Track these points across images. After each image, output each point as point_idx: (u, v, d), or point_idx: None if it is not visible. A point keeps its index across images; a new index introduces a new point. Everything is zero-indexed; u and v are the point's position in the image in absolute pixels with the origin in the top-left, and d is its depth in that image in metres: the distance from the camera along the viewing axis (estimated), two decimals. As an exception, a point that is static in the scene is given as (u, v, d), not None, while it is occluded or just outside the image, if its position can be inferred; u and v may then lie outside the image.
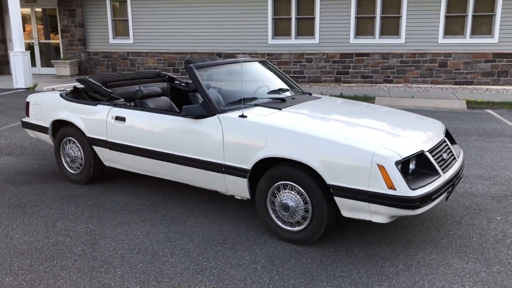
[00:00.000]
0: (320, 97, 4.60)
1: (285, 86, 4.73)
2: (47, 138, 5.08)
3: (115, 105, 4.44)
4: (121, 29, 14.27)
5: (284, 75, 4.98)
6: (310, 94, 4.78)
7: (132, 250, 3.49)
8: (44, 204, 4.39)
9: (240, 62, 4.55)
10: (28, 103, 5.17)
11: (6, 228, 3.88)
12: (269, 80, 4.71)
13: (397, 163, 3.11)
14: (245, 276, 3.13)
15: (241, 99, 3.96)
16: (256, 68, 4.76)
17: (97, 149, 4.59)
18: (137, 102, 4.49)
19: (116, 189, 4.77)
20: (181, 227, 3.89)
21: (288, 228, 3.56)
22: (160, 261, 3.33)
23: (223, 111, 3.81)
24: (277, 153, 3.41)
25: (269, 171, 3.54)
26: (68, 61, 14.02)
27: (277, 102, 4.16)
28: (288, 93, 4.58)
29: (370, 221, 3.94)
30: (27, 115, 5.21)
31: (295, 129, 3.45)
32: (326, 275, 3.14)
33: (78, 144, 4.73)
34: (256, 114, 3.76)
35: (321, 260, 3.34)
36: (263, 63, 4.92)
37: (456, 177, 3.58)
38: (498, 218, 4.06)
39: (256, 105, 4.01)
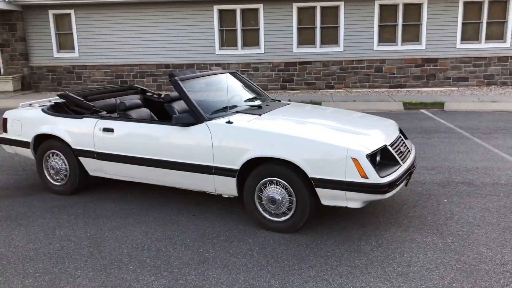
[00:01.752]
0: (289, 104, 5.15)
1: (256, 95, 5.23)
2: (28, 152, 5.23)
3: (101, 118, 4.72)
4: (65, 43, 14.15)
5: (253, 84, 5.49)
6: (279, 101, 5.31)
7: (136, 249, 3.82)
8: (35, 215, 4.58)
9: (216, 74, 4.99)
10: (5, 119, 5.29)
11: (7, 238, 4.06)
12: (241, 89, 5.19)
13: (367, 156, 3.70)
14: (245, 262, 3.57)
15: (225, 107, 4.41)
16: (229, 79, 5.22)
17: (83, 160, 4.84)
18: (121, 113, 4.79)
19: (102, 197, 5.03)
20: (176, 226, 4.26)
21: (275, 219, 4.05)
22: (166, 256, 3.70)
23: (210, 119, 4.24)
24: (265, 153, 3.90)
25: (256, 170, 4.02)
26: (10, 76, 13.69)
27: (254, 109, 4.66)
28: (260, 101, 5.08)
29: (342, 209, 4.53)
30: (5, 131, 5.33)
31: (279, 131, 3.96)
32: (314, 255, 3.66)
33: (63, 156, 4.95)
34: (240, 120, 4.23)
35: (307, 244, 3.85)
36: (233, 74, 5.39)
37: (412, 166, 4.25)
38: (445, 200, 4.78)
39: (237, 112, 4.48)
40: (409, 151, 4.43)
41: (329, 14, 13.30)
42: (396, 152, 4.10)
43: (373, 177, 3.65)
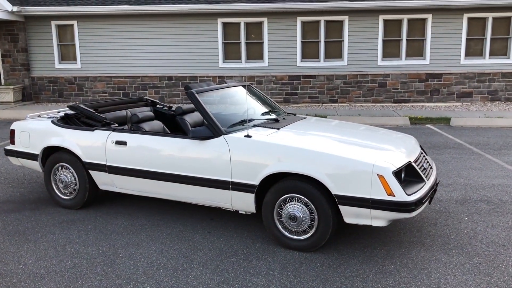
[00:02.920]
0: (305, 117, 5.03)
1: (271, 108, 5.12)
2: (35, 165, 5.08)
3: (114, 130, 4.59)
4: (67, 54, 14.06)
5: (267, 98, 5.38)
6: (295, 114, 5.20)
7: (152, 267, 3.66)
8: (44, 230, 4.41)
9: (231, 87, 4.88)
10: (13, 131, 5.15)
11: (15, 255, 3.89)
12: (256, 103, 5.07)
13: (393, 172, 3.57)
14: (267, 283, 3.42)
15: (243, 120, 4.29)
16: (242, 92, 5.11)
17: (93, 173, 4.69)
18: (133, 126, 4.66)
19: (112, 212, 4.87)
20: (190, 243, 4.10)
21: (295, 237, 3.91)
22: (183, 275, 3.54)
23: (228, 132, 4.11)
24: (286, 168, 3.77)
25: (276, 185, 3.88)
26: (11, 87, 13.54)
27: (272, 122, 4.54)
28: (275, 114, 4.96)
29: (361, 226, 4.39)
30: (12, 143, 5.18)
31: (300, 146, 3.84)
32: (338, 276, 3.51)
33: (72, 170, 4.80)
34: (258, 134, 4.10)
35: (330, 264, 3.71)
36: (247, 87, 5.29)
37: (435, 183, 4.13)
38: (466, 218, 4.65)
39: (255, 125, 4.36)
40: (431, 167, 4.32)
41: (333, 28, 13.29)
42: (420, 168, 3.98)
43: (400, 195, 3.52)
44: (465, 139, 8.74)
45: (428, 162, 4.34)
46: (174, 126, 5.71)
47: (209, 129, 4.11)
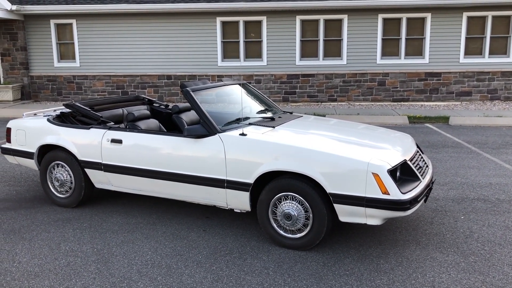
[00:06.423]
0: (302, 116, 5.02)
1: (267, 107, 5.10)
2: (31, 163, 5.07)
3: (110, 128, 4.58)
4: (66, 52, 14.05)
5: (264, 96, 5.36)
6: (291, 113, 5.19)
7: (146, 265, 3.66)
8: (39, 228, 4.41)
9: (227, 85, 4.87)
10: (9, 129, 5.14)
11: (10, 253, 3.89)
12: (252, 101, 5.06)
13: (388, 171, 3.56)
14: (261, 281, 3.41)
15: (239, 118, 4.28)
16: (239, 90, 5.10)
17: (89, 171, 4.68)
18: (129, 124, 4.65)
19: (107, 211, 4.86)
20: (186, 242, 4.09)
21: (290, 235, 3.90)
22: (177, 273, 3.53)
23: (223, 131, 4.10)
24: (281, 167, 3.76)
25: (271, 184, 3.87)
26: (10, 85, 13.54)
27: (267, 121, 4.53)
28: (272, 113, 4.95)
29: (356, 225, 4.38)
30: (8, 141, 5.17)
31: (295, 144, 3.82)
32: (332, 275, 3.50)
33: (68, 168, 4.79)
34: (253, 132, 4.09)
35: (324, 262, 3.70)
36: (244, 85, 5.27)
37: (431, 181, 4.12)
38: (462, 217, 4.64)
39: (250, 124, 4.35)
40: (427, 166, 4.30)
41: (332, 27, 13.27)
42: (415, 167, 3.97)
43: (395, 193, 3.51)
44: (463, 138, 8.73)
45: (424, 160, 4.32)
46: (171, 125, 5.70)
47: (204, 127, 4.10)
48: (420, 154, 4.33)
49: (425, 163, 4.31)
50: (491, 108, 12.19)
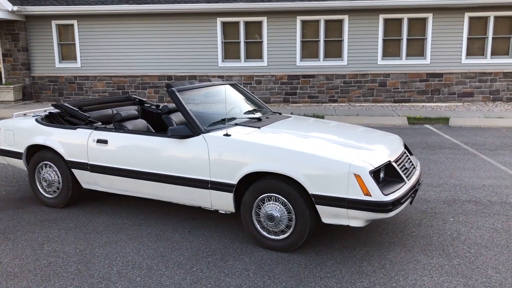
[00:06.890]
0: (290, 117, 4.98)
1: (256, 107, 5.07)
2: (20, 163, 5.08)
3: (96, 129, 4.57)
4: (67, 53, 14.11)
5: (254, 97, 5.33)
6: (280, 113, 5.15)
7: (126, 266, 3.64)
8: (24, 228, 4.41)
9: (215, 85, 4.85)
10: (-2, 129, 5.16)
11: (-8, 253, 3.89)
12: (241, 102, 5.04)
13: (370, 172, 3.52)
14: (240, 283, 3.38)
15: (223, 119, 4.25)
16: (228, 91, 5.07)
17: (76, 172, 4.68)
18: (116, 125, 4.64)
19: (95, 211, 4.85)
20: (169, 243, 4.07)
21: (273, 237, 3.86)
22: (157, 275, 3.51)
23: (207, 131, 4.08)
24: (264, 167, 3.72)
25: (254, 185, 3.84)
26: (11, 86, 13.62)
27: (254, 121, 4.50)
28: (260, 113, 4.92)
29: (343, 227, 4.34)
30: (-2, 141, 5.19)
31: (278, 145, 3.79)
32: (313, 277, 3.46)
33: (56, 168, 4.79)
34: (238, 132, 4.06)
35: (306, 264, 3.66)
36: (234, 85, 5.25)
37: (417, 183, 4.07)
38: (451, 219, 4.58)
39: (236, 124, 4.32)
40: (414, 167, 4.25)
41: (333, 28, 13.22)
42: (400, 168, 3.92)
43: (377, 195, 3.47)
44: (461, 139, 8.64)
45: (411, 162, 4.27)
46: (161, 125, 5.69)
47: (189, 127, 4.08)
48: (407, 156, 4.28)
49: (412, 164, 4.26)
50: (493, 109, 12.07)
